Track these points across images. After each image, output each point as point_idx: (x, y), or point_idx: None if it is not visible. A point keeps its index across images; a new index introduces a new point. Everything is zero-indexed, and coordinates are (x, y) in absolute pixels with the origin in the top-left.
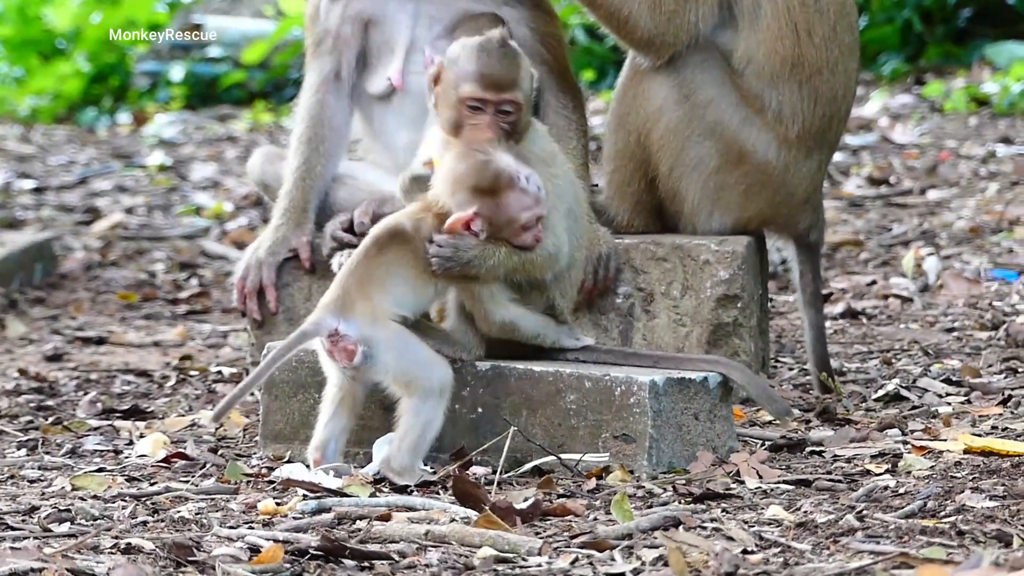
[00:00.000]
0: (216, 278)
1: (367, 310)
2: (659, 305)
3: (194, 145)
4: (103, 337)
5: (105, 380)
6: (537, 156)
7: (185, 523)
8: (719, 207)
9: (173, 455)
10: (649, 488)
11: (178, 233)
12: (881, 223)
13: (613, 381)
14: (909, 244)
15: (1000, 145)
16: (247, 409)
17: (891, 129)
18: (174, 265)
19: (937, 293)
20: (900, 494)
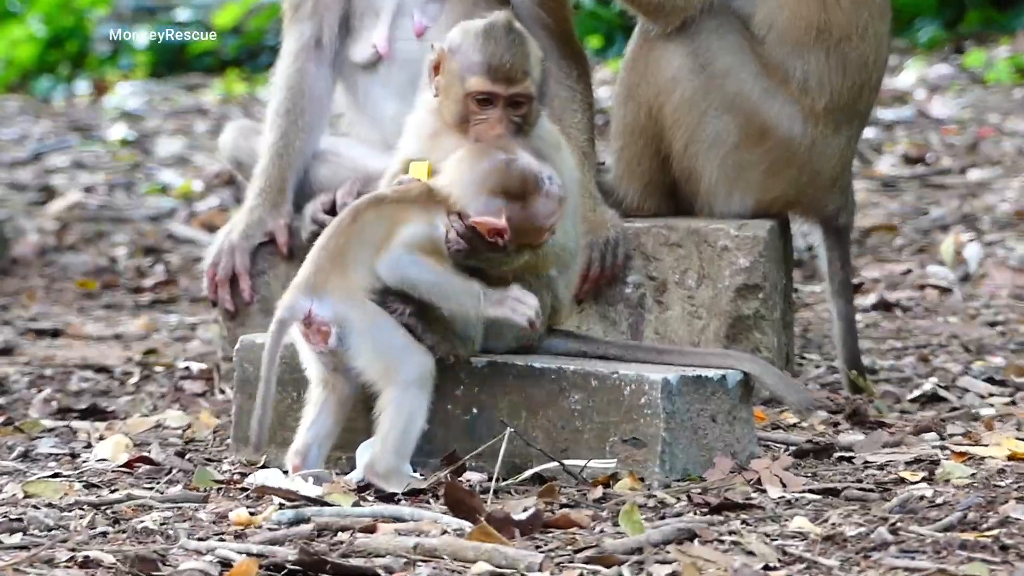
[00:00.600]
0: (184, 264)
1: (341, 286)
2: (672, 296)
3: (160, 118)
4: (59, 329)
5: (61, 376)
6: (546, 142)
7: (149, 534)
8: (739, 187)
9: (136, 459)
10: (661, 497)
11: (142, 215)
12: (917, 206)
13: (622, 379)
14: (948, 229)
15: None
16: (218, 409)
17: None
18: (138, 250)
19: (979, 283)
20: (938, 504)
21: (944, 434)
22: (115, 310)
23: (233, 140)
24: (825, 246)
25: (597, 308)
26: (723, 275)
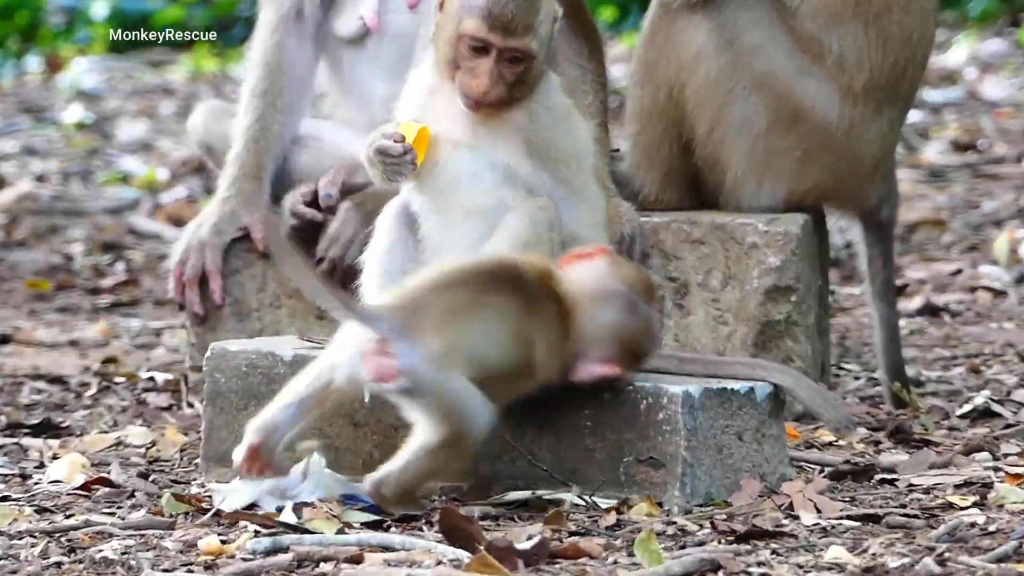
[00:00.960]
0: (147, 263)
1: (436, 348)
2: (695, 299)
3: (121, 98)
4: (7, 334)
5: (10, 388)
6: (554, 114)
7: (109, 565)
8: (769, 177)
9: (94, 481)
10: (682, 524)
11: (101, 207)
12: (968, 198)
13: (638, 392)
14: (1002, 224)
15: None
16: (185, 425)
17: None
18: (95, 246)
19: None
20: (990, 532)
21: (997, 454)
22: (70, 313)
23: (203, 123)
24: (866, 242)
25: None
26: (751, 276)
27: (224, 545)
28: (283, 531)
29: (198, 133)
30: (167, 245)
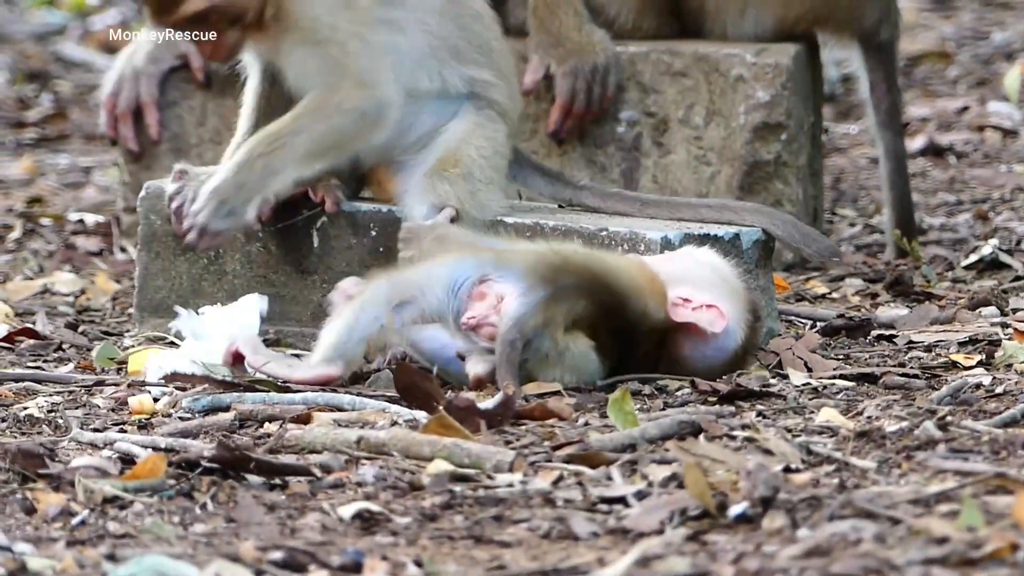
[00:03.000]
0: (77, 94)
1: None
2: (675, 136)
3: None
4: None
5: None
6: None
7: (34, 423)
8: (755, 1)
9: (18, 332)
10: (660, 383)
11: (25, 32)
12: (976, 27)
13: (613, 237)
14: (1013, 57)
15: None
16: (118, 272)
17: None
18: (20, 76)
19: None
20: (996, 394)
21: (1006, 308)
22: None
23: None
24: (866, 68)
25: (583, 151)
26: (737, 112)
27: (156, 403)
28: (223, 391)
29: None
30: (98, 75)
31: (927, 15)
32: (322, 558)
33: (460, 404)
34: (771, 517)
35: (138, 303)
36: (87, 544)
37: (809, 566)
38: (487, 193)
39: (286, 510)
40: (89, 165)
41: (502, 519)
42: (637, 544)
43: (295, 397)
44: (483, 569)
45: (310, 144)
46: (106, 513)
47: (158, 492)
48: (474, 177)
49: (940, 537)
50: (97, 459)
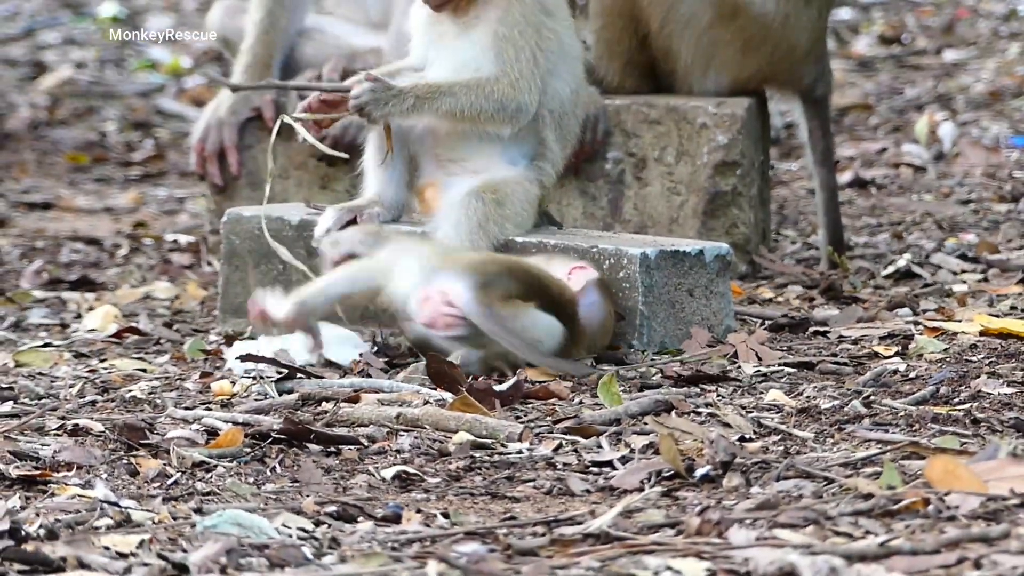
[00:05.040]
0: (173, 139)
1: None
2: (652, 172)
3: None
4: (50, 202)
5: (52, 248)
6: (543, 5)
7: (137, 403)
8: (715, 65)
9: (124, 330)
10: (640, 370)
11: (132, 90)
12: (893, 86)
13: (601, 253)
14: (923, 108)
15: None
16: (205, 281)
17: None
18: (127, 125)
19: (952, 162)
20: (911, 379)
21: (917, 309)
22: (105, 184)
23: (220, 18)
24: (805, 117)
25: (578, 183)
26: (701, 152)
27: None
28: (289, 375)
29: (216, 27)
30: (190, 124)
31: (853, 75)
32: (368, 511)
33: (479, 387)
34: (729, 477)
35: (221, 306)
36: (179, 500)
37: (760, 517)
38: (509, 221)
39: (339, 472)
40: (182, 196)
41: (513, 479)
42: (622, 499)
43: (345, 382)
44: (498, 519)
45: (454, 107)
46: (194, 475)
47: (236, 458)
48: (504, 207)
49: (866, 493)
50: (187, 431)
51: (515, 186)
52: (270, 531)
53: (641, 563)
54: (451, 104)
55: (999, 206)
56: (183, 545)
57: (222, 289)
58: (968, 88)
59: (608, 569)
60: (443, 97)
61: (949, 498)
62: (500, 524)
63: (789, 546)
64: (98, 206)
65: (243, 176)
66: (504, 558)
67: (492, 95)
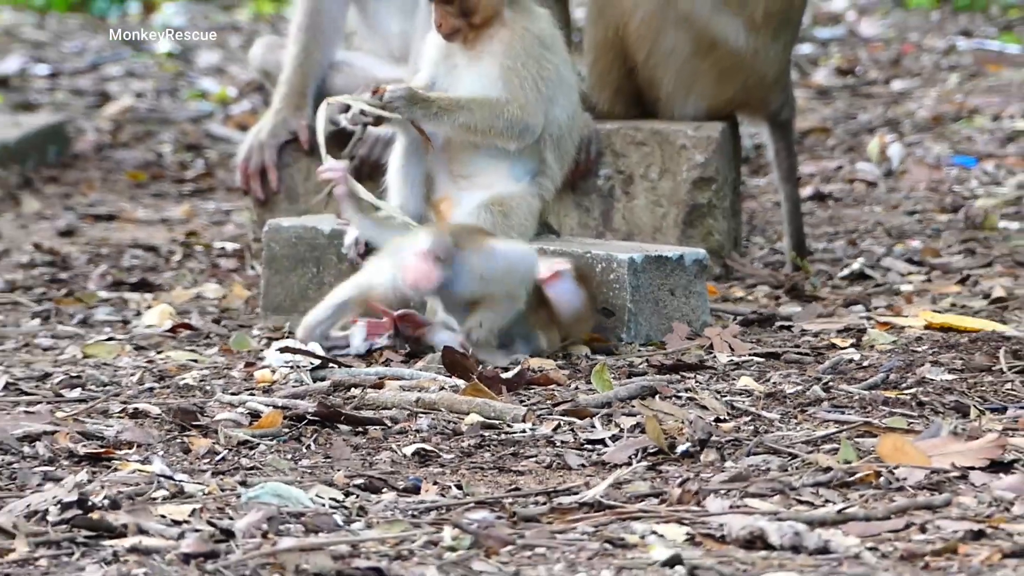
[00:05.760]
0: (220, 159)
1: None
2: (638, 187)
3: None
4: (113, 214)
5: (115, 254)
6: (535, 36)
7: (190, 389)
8: (693, 94)
9: (178, 325)
10: (628, 359)
11: (185, 116)
12: (848, 111)
13: (594, 258)
14: (874, 131)
15: (960, 39)
16: (248, 282)
17: (858, 23)
18: (181, 147)
19: (900, 178)
20: (864, 367)
21: (869, 307)
22: (161, 198)
23: (262, 54)
24: (772, 139)
25: (574, 198)
26: (681, 169)
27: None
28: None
29: (257, 61)
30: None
31: (813, 102)
32: (391, 483)
33: (488, 375)
34: (706, 453)
35: (263, 305)
36: (226, 474)
37: (733, 487)
38: (514, 230)
39: (366, 449)
40: (228, 209)
41: (517, 455)
42: (612, 472)
43: (370, 371)
44: (504, 490)
45: (469, 121)
46: (239, 452)
47: (276, 437)
48: (509, 218)
49: (825, 467)
50: (233, 414)
51: (519, 199)
52: (305, 501)
53: (629, 528)
54: (467, 118)
55: (941, 216)
56: (229, 513)
57: (263, 290)
58: (913, 113)
59: (601, 533)
60: (462, 111)
61: (898, 471)
62: (506, 494)
63: (758, 513)
64: (155, 218)
65: (282, 191)
66: (510, 524)
67: (503, 115)
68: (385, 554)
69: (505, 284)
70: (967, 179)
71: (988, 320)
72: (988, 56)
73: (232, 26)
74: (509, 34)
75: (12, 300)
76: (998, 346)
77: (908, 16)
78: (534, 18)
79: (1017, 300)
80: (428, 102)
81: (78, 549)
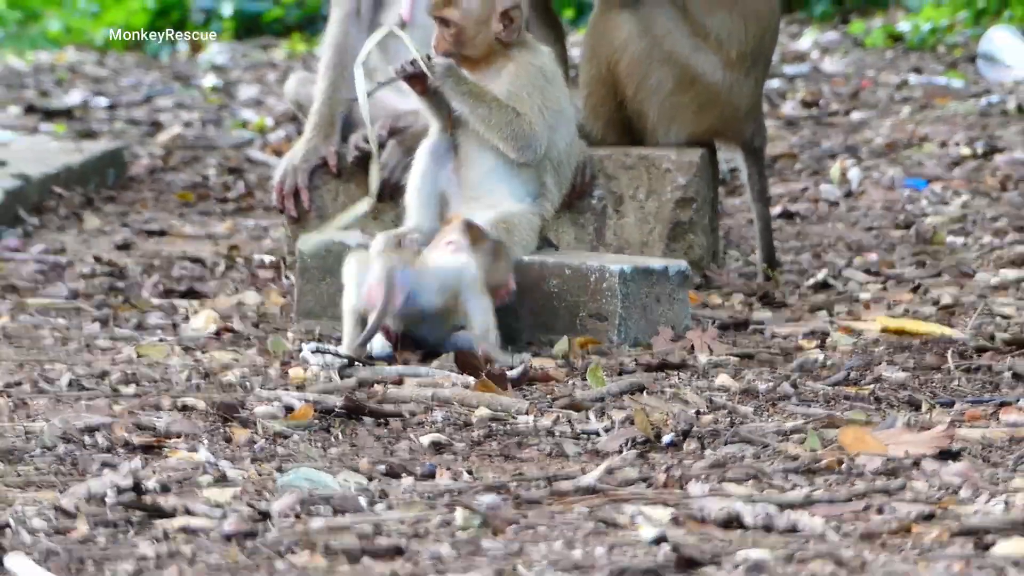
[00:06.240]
0: (259, 181)
1: None
2: (627, 206)
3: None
4: (164, 230)
5: (166, 266)
6: (539, 69)
7: (232, 386)
8: (676, 123)
9: (222, 329)
10: (619, 359)
11: (228, 143)
12: (812, 139)
13: (589, 269)
14: (836, 157)
15: (912, 75)
16: (283, 291)
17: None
18: (224, 170)
19: (859, 198)
20: (828, 366)
21: (832, 312)
22: (207, 216)
23: (295, 87)
24: (746, 164)
25: (570, 216)
26: (666, 190)
27: (306, 373)
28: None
29: (291, 94)
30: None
31: (782, 131)
32: (410, 469)
33: (495, 373)
34: (688, 443)
35: (296, 311)
36: (263, 461)
37: (712, 473)
38: (518, 245)
39: (387, 439)
40: (266, 225)
41: (521, 444)
42: (605, 460)
43: (391, 369)
44: (510, 476)
45: (487, 116)
46: (275, 442)
47: (308, 428)
48: (513, 234)
49: (794, 455)
50: (270, 408)
51: (522, 218)
52: (334, 485)
53: (620, 510)
54: (486, 113)
55: (895, 232)
56: (267, 496)
57: (297, 297)
58: (871, 141)
59: (595, 515)
60: (484, 104)
61: (858, 459)
62: (511, 479)
63: (735, 496)
64: (201, 233)
65: (313, 210)
66: (515, 506)
67: (514, 123)
68: (404, 533)
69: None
70: (918, 199)
71: (937, 324)
72: (936, 90)
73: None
74: (515, 67)
75: (75, 306)
76: (946, 348)
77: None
78: (538, 54)
79: (963, 307)
80: (463, 80)
81: (132, 528)
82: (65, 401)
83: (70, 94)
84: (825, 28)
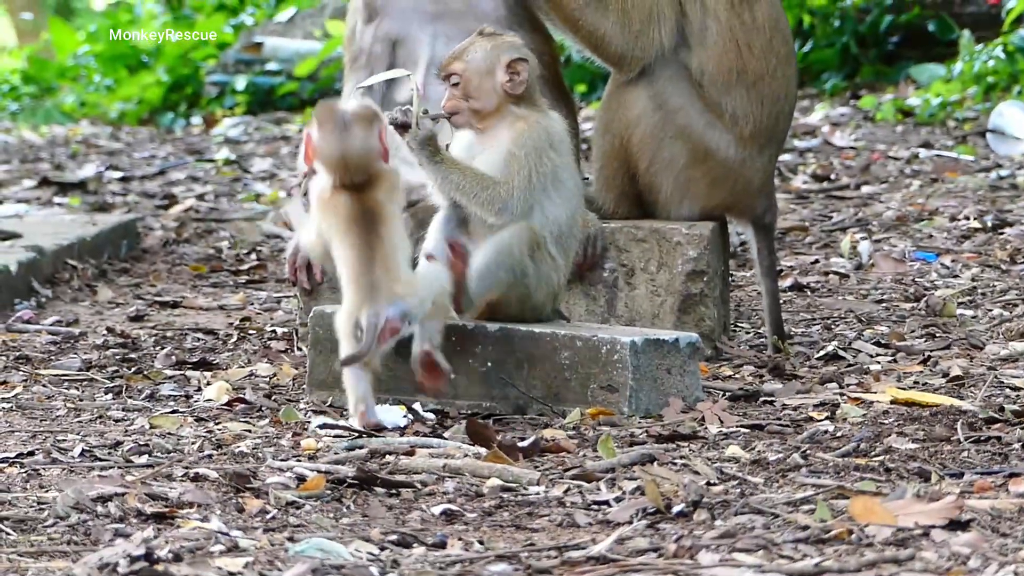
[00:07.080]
0: (271, 254)
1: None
2: (639, 279)
3: (254, 143)
4: (177, 301)
5: (179, 337)
6: (545, 130)
7: (244, 456)
8: (688, 198)
9: (234, 400)
10: (630, 430)
11: (240, 216)
12: (823, 212)
13: (600, 341)
14: (846, 230)
15: (922, 149)
16: (296, 362)
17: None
18: (237, 243)
19: (869, 271)
20: (838, 437)
21: (842, 384)
22: (220, 287)
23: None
24: (755, 239)
25: (581, 288)
26: (677, 263)
27: (318, 444)
28: (359, 436)
29: (304, 167)
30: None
31: (793, 204)
32: (421, 539)
33: (507, 443)
34: (699, 513)
35: (308, 382)
36: (276, 531)
37: (723, 543)
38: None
39: (399, 509)
40: (279, 297)
41: (532, 514)
42: (616, 529)
43: (403, 440)
44: (521, 546)
45: (459, 181)
46: (288, 511)
47: (320, 498)
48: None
49: (804, 525)
50: (282, 478)
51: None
52: (346, 555)
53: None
54: (458, 179)
55: (905, 304)
56: (278, 566)
57: (309, 368)
58: (881, 214)
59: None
60: (456, 172)
61: (868, 529)
62: (522, 549)
63: (745, 566)
64: (214, 305)
65: (324, 282)
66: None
67: (488, 190)
68: None
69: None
70: (928, 272)
71: (947, 396)
72: (946, 164)
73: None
74: (523, 126)
75: (88, 377)
76: (956, 419)
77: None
78: (548, 118)
79: (972, 378)
80: (437, 151)
81: None
82: (78, 471)
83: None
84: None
